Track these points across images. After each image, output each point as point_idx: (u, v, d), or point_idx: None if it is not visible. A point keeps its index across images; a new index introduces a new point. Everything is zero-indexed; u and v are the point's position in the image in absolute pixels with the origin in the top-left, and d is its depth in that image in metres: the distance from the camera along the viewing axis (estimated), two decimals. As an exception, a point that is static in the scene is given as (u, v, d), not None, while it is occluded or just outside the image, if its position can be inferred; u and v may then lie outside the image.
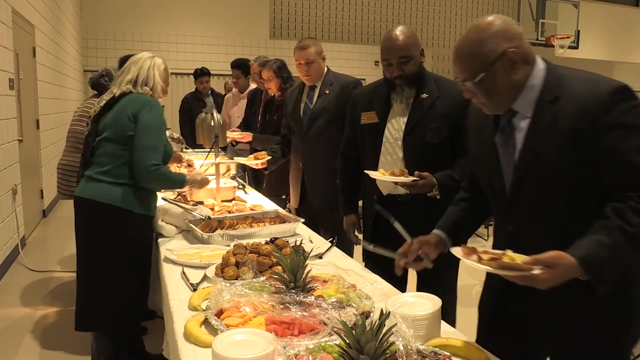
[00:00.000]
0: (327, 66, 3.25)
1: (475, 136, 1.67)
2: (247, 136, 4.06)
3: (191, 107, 6.30)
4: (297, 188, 3.29)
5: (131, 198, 2.37)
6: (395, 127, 2.34)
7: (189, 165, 3.77)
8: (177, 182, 2.55)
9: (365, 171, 2.29)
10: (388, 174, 2.19)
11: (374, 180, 2.34)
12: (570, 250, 1.30)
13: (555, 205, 1.45)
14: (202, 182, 2.72)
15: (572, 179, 1.40)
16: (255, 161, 3.41)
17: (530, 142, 1.46)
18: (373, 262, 2.29)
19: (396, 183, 2.20)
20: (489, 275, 1.67)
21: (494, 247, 1.57)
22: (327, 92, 3.15)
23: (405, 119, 2.32)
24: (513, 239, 1.43)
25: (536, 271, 1.29)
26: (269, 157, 3.41)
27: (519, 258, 1.33)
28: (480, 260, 1.36)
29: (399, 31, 2.29)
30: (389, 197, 2.38)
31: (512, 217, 1.54)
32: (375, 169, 2.31)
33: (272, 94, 4.13)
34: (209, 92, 6.51)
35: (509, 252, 1.36)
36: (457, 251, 1.45)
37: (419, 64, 2.32)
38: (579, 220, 1.38)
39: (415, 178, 2.15)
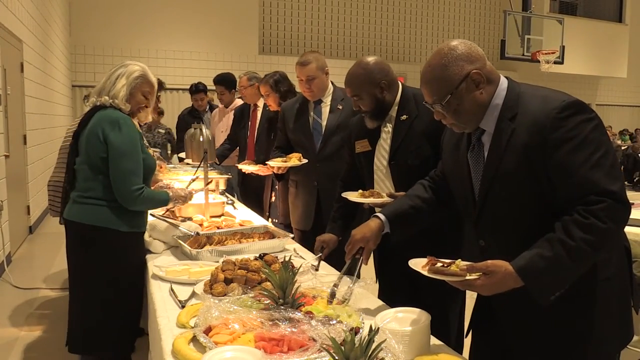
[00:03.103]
0: (331, 81, 3.04)
1: (451, 153, 1.71)
2: (266, 169, 3.49)
3: (187, 124, 6.15)
4: (310, 210, 3.04)
5: (118, 217, 2.33)
6: (383, 153, 2.30)
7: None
8: (161, 201, 2.52)
9: (342, 194, 2.29)
10: (359, 196, 2.20)
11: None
12: (513, 261, 1.36)
13: (520, 219, 1.48)
14: (186, 198, 2.66)
15: (532, 193, 1.44)
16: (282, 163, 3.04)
17: (492, 158, 1.51)
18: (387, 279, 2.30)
19: (366, 203, 2.21)
20: (477, 295, 1.70)
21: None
22: (340, 107, 2.96)
23: (389, 144, 2.27)
24: (484, 254, 1.45)
25: (470, 277, 1.36)
26: (304, 162, 3.00)
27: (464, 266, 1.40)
28: (423, 267, 1.45)
29: (354, 67, 2.23)
30: None
31: (482, 231, 1.58)
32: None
33: (275, 110, 3.83)
34: (207, 108, 6.26)
35: (458, 261, 1.42)
36: (414, 263, 1.51)
37: (376, 99, 2.22)
38: (545, 234, 1.39)
39: (387, 199, 2.13)
